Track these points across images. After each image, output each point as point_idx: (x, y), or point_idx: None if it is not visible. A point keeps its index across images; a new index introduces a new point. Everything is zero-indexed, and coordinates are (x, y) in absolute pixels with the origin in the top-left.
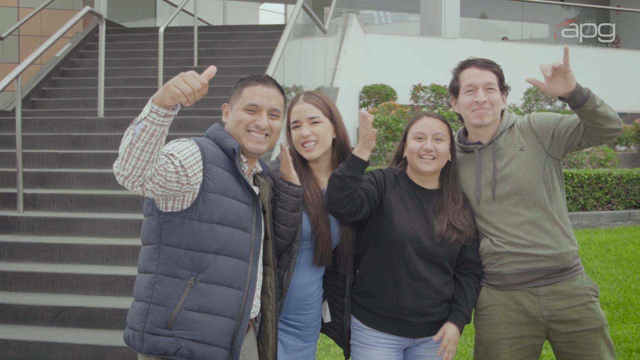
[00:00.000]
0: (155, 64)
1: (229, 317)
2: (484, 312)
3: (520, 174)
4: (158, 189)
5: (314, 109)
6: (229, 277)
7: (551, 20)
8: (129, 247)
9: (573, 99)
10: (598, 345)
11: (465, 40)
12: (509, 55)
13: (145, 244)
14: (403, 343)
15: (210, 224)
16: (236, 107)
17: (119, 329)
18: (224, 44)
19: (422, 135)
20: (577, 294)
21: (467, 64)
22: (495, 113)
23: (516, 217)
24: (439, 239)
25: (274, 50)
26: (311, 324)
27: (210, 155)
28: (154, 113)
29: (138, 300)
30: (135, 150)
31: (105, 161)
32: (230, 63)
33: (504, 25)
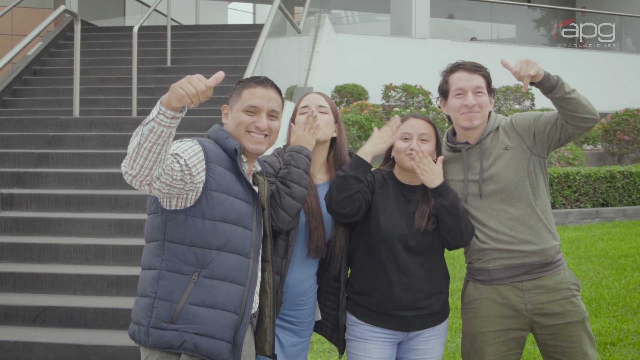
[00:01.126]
0: (127, 63)
1: (232, 311)
2: (471, 306)
3: (506, 172)
4: (165, 188)
5: (324, 100)
6: (231, 273)
7: (517, 21)
8: (109, 247)
9: (542, 86)
10: (580, 337)
11: (435, 41)
12: (478, 56)
13: (149, 241)
14: (397, 337)
15: (213, 222)
16: (236, 108)
17: (101, 329)
18: (197, 43)
19: (409, 135)
20: (560, 288)
21: (457, 68)
22: (483, 115)
23: (502, 214)
24: (420, 231)
25: (247, 49)
26: (306, 320)
27: (213, 155)
28: (161, 115)
29: (142, 295)
30: (143, 151)
31: (83, 161)
32: (204, 63)
33: (473, 25)
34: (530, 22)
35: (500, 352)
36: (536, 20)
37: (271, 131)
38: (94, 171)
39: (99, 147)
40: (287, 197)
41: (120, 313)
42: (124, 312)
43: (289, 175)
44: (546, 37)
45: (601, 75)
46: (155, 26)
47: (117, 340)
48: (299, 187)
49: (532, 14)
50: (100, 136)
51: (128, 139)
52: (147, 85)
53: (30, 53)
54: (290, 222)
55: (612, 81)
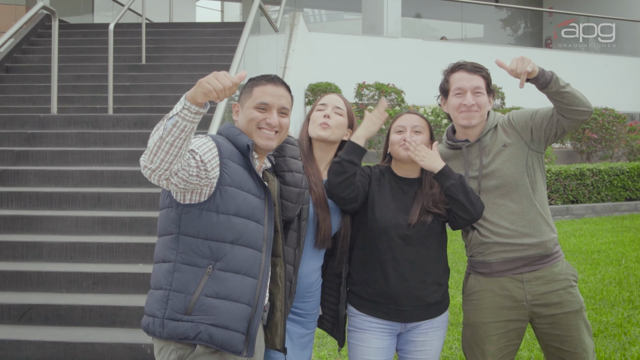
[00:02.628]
0: (101, 61)
1: (245, 303)
2: (472, 298)
3: (505, 168)
4: (181, 183)
5: (342, 103)
6: (244, 266)
7: (485, 20)
8: (93, 245)
9: (537, 82)
10: (578, 326)
11: (407, 40)
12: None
13: (163, 235)
14: (395, 328)
15: (227, 216)
16: (247, 105)
17: (88, 326)
18: (171, 41)
19: (402, 128)
20: (559, 279)
21: (457, 68)
22: (482, 115)
23: (502, 209)
24: (413, 223)
25: (221, 47)
26: (312, 312)
27: (226, 151)
28: (186, 110)
29: (157, 288)
30: (165, 145)
31: (63, 158)
32: (179, 60)
33: (443, 25)
34: (497, 22)
35: (501, 342)
36: (503, 20)
37: (282, 128)
38: (75, 169)
39: (79, 145)
40: (282, 186)
41: (108, 310)
42: (111, 309)
43: (278, 167)
44: (512, 37)
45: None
46: (129, 23)
47: (106, 337)
48: (289, 174)
49: (499, 14)
50: (80, 134)
51: (108, 137)
52: (122, 83)
53: (2, 50)
54: (294, 207)
55: (579, 81)
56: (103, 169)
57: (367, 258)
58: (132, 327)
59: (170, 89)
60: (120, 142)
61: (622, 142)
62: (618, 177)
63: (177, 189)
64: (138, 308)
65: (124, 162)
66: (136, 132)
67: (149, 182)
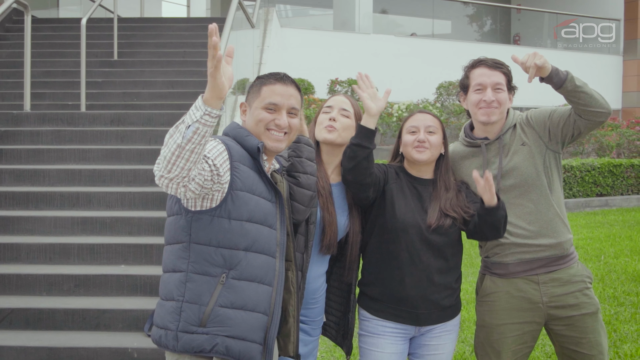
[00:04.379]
0: (72, 56)
1: (262, 312)
2: (487, 299)
3: (523, 167)
4: (198, 188)
5: (349, 104)
6: (259, 273)
7: (453, 17)
8: (73, 246)
9: (551, 80)
10: (594, 328)
11: (378, 36)
12: (418, 50)
13: (172, 243)
14: (409, 332)
15: (240, 222)
16: (255, 105)
17: (71, 330)
18: (143, 36)
19: (415, 128)
20: (574, 280)
21: (478, 64)
22: (502, 112)
23: (519, 208)
24: (432, 227)
25: (195, 43)
26: (316, 318)
27: (236, 154)
28: (207, 115)
29: (168, 299)
30: (185, 153)
31: (38, 157)
32: (152, 56)
33: (414, 21)
34: (464, 18)
35: (516, 344)
36: (469, 16)
37: (291, 129)
38: (51, 167)
39: (55, 143)
40: (295, 187)
41: (91, 313)
42: (95, 312)
43: (292, 167)
44: (480, 33)
45: None
46: (99, 18)
47: (90, 342)
48: (304, 175)
49: (465, 10)
50: (55, 131)
51: (84, 134)
52: (94, 79)
53: None
54: (305, 210)
55: None
56: (81, 168)
57: (383, 258)
58: (117, 330)
59: (143, 85)
60: (97, 140)
61: (592, 138)
62: (589, 173)
63: (193, 195)
64: (122, 311)
65: (102, 161)
66: (113, 130)
67: (128, 181)
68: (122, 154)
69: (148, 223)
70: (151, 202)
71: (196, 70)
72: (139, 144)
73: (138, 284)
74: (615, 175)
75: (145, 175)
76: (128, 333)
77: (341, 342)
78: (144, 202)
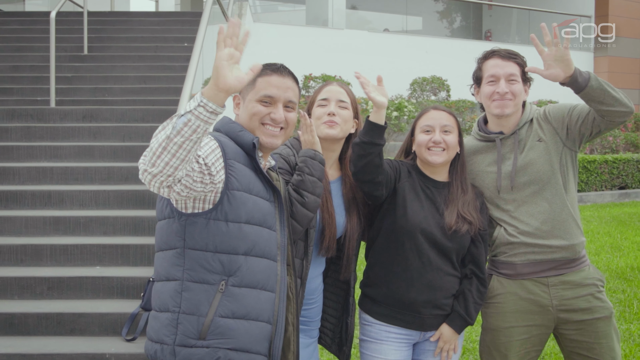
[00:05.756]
0: (40, 51)
1: (265, 321)
2: (494, 300)
3: (539, 164)
4: (184, 191)
5: (345, 94)
6: (261, 279)
7: (424, 13)
8: (45, 247)
9: (575, 82)
10: (607, 333)
11: (352, 31)
12: (391, 45)
13: (165, 249)
14: (413, 337)
15: (238, 224)
16: (249, 98)
17: (45, 335)
18: (114, 30)
19: (430, 127)
20: (586, 284)
21: (491, 55)
22: (516, 104)
23: (533, 207)
24: (450, 231)
25: (167, 37)
26: (315, 318)
27: (231, 151)
28: (201, 107)
29: (162, 310)
30: (172, 146)
31: (7, 154)
32: (123, 51)
33: (386, 17)
34: (434, 14)
35: (523, 348)
36: (440, 13)
37: (288, 124)
38: (21, 165)
39: (24, 140)
40: (299, 206)
41: (65, 318)
42: (70, 316)
43: (302, 184)
44: (452, 29)
45: None
46: (68, 12)
47: (65, 347)
48: (312, 197)
49: (436, 6)
50: (25, 128)
51: (55, 131)
52: (64, 74)
53: None
54: (301, 232)
55: None
56: (52, 165)
57: (391, 260)
58: (93, 335)
59: (115, 80)
60: (69, 136)
61: None
62: None
63: (178, 197)
64: (98, 315)
65: (74, 158)
66: (85, 126)
67: (102, 179)
68: (96, 151)
69: (124, 222)
70: (126, 200)
71: (169, 65)
72: (113, 140)
73: (114, 286)
74: (589, 171)
75: (120, 172)
76: (105, 338)
77: (337, 350)
78: (119, 200)
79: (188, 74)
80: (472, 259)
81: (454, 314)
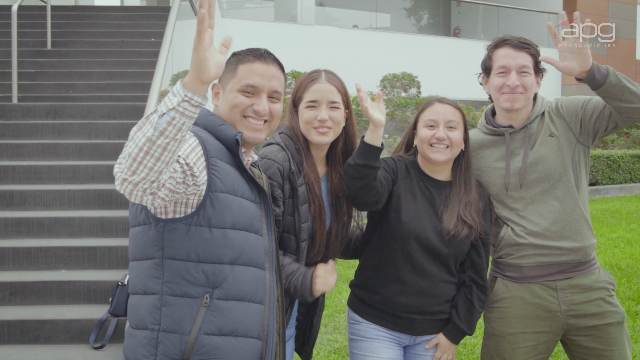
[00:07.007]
0: (2, 46)
1: (255, 337)
2: (498, 305)
3: (550, 160)
4: (169, 195)
5: (336, 93)
6: (249, 290)
7: (392, 10)
8: (7, 250)
9: (593, 78)
10: (619, 339)
11: (321, 27)
12: (360, 42)
13: (140, 259)
14: (403, 340)
15: (223, 230)
16: (230, 87)
17: (7, 344)
18: (79, 25)
19: (434, 122)
20: (596, 287)
21: (502, 43)
22: (527, 98)
23: (543, 206)
24: (448, 236)
25: (133, 32)
26: (292, 317)
27: (213, 149)
28: (186, 102)
29: (139, 328)
30: (156, 148)
31: None
32: (87, 46)
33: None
34: (403, 11)
35: (529, 356)
36: (407, 10)
37: (272, 116)
38: None
39: None
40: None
41: (29, 325)
42: (34, 323)
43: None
44: (420, 26)
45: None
46: (31, 6)
47: (29, 356)
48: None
49: (403, 3)
50: None
51: (17, 128)
52: (26, 69)
53: None
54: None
55: None
56: (14, 164)
57: (382, 264)
58: (59, 343)
59: (79, 76)
60: (32, 133)
61: None
62: None
63: (163, 202)
64: (64, 321)
65: (37, 156)
66: (49, 123)
67: (67, 177)
68: (60, 149)
69: (90, 223)
70: (93, 200)
71: (135, 61)
72: (78, 138)
73: (81, 291)
74: None
75: (85, 171)
76: (71, 345)
77: (299, 348)
78: (85, 200)
79: (157, 69)
80: (471, 265)
81: (452, 325)
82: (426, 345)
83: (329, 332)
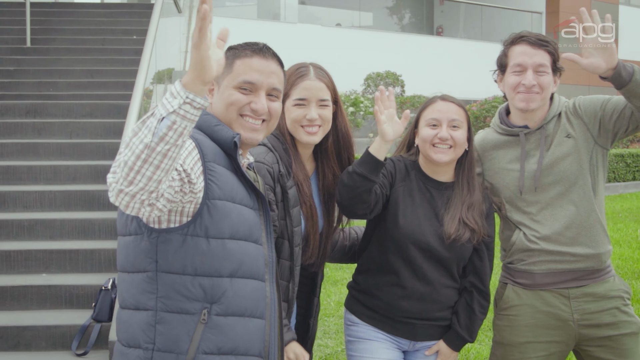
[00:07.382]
0: None
1: (256, 355)
2: (508, 312)
3: (566, 162)
4: (167, 205)
5: (325, 90)
6: (249, 305)
7: (374, 9)
8: None
9: (619, 77)
10: (635, 352)
11: (305, 25)
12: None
13: (132, 272)
14: (402, 344)
15: (221, 240)
16: (226, 84)
17: None
18: (59, 22)
19: (437, 121)
20: (611, 296)
21: (519, 40)
22: (544, 98)
23: (558, 210)
24: (449, 240)
25: (115, 30)
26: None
27: (209, 152)
28: (187, 104)
29: (131, 346)
30: (156, 156)
31: None
32: (68, 43)
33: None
34: (384, 10)
35: None
36: (390, 8)
37: (271, 115)
38: None
39: None
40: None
41: (8, 331)
42: (14, 330)
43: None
44: (403, 24)
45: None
46: (10, 2)
47: None
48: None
49: (385, 2)
50: None
51: None
52: (5, 67)
53: None
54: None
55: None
56: None
57: (381, 270)
58: (40, 350)
59: (60, 74)
60: (12, 133)
61: None
62: None
63: (161, 213)
64: (45, 327)
65: (17, 156)
66: (29, 122)
67: (48, 178)
68: (40, 148)
69: (72, 225)
70: (75, 201)
71: (117, 59)
72: (59, 137)
73: (63, 296)
74: None
75: (67, 171)
76: (53, 353)
77: None
78: (67, 201)
79: (140, 67)
80: (473, 270)
81: (453, 332)
82: (426, 352)
83: (318, 337)
